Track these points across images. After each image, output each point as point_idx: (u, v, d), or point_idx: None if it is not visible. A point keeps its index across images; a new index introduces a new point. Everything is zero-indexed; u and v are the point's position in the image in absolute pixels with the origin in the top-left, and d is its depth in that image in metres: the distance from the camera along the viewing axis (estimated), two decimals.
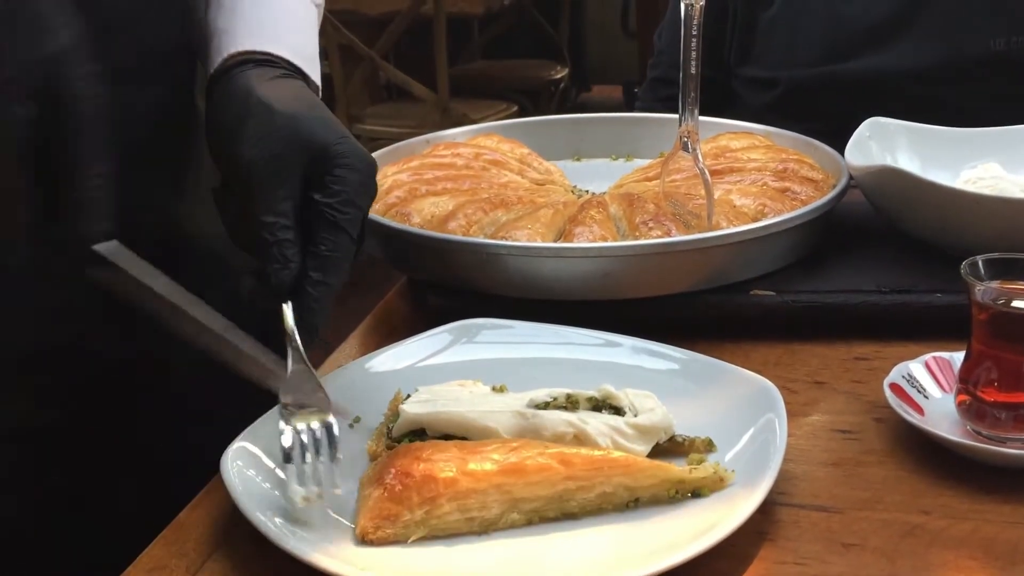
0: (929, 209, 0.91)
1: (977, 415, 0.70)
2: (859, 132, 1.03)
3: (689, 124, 0.93)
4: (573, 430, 0.67)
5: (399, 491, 0.62)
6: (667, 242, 0.87)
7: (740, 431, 0.70)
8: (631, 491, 0.65)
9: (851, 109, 1.09)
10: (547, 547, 0.63)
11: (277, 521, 0.63)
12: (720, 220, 0.91)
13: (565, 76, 4.08)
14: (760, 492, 0.63)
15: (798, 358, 0.84)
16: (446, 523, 0.62)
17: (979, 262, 0.71)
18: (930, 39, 1.33)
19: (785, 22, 1.40)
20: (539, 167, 1.11)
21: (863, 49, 1.35)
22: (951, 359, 0.75)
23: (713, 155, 1.07)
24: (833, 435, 0.74)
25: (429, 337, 0.82)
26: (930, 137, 1.08)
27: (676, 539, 0.61)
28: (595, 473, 0.64)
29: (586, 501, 0.64)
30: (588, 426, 0.67)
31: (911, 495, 0.67)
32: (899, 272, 0.90)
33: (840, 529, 0.64)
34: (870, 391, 0.78)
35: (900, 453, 0.71)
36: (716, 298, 0.88)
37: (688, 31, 0.89)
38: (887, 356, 0.81)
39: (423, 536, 0.62)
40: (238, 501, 0.64)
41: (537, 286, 0.86)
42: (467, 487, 0.62)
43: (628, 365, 0.78)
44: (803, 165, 1.02)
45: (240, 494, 0.64)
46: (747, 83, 1.44)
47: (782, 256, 0.91)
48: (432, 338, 0.82)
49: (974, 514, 0.65)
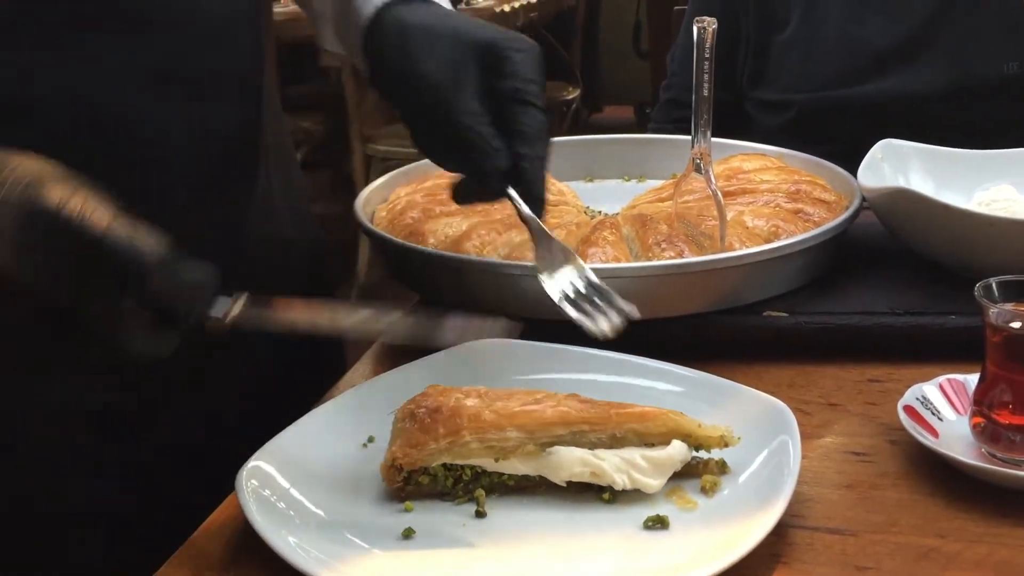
0: (942, 231, 0.91)
1: (992, 437, 0.70)
2: (872, 154, 1.04)
3: (701, 146, 0.94)
4: (588, 468, 0.68)
5: (428, 423, 0.67)
6: (680, 263, 0.87)
7: (754, 453, 0.70)
8: (641, 436, 0.68)
9: (864, 132, 1.09)
10: (558, 566, 0.63)
11: (291, 540, 0.63)
12: (733, 241, 0.91)
13: (577, 97, 4.10)
14: (774, 514, 0.63)
15: (811, 380, 0.84)
16: (468, 451, 0.67)
17: (993, 284, 0.71)
18: (943, 62, 1.33)
19: (798, 45, 1.40)
20: (552, 188, 1.11)
21: (876, 72, 1.35)
22: (965, 381, 0.75)
23: (726, 176, 1.07)
24: (847, 457, 0.74)
25: (443, 356, 0.82)
26: (943, 159, 1.08)
27: (690, 560, 0.61)
28: (608, 419, 0.68)
29: (599, 440, 0.67)
30: (604, 463, 0.67)
31: (926, 518, 0.67)
32: (913, 294, 0.90)
33: (854, 552, 0.64)
34: (884, 413, 0.78)
35: (914, 476, 0.71)
36: (729, 319, 0.88)
37: (701, 54, 0.90)
38: (901, 378, 0.81)
39: (446, 461, 0.67)
40: (253, 521, 0.64)
41: (550, 307, 0.86)
42: (489, 422, 0.67)
43: (641, 386, 0.78)
44: (816, 186, 1.02)
45: (255, 513, 0.64)
46: (760, 106, 1.45)
47: (795, 277, 0.91)
48: (445, 358, 0.82)
49: (989, 537, 0.65)
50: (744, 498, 0.66)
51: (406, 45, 0.75)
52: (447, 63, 0.74)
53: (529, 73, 0.74)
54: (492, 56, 0.74)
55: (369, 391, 0.79)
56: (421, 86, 0.74)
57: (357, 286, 3.42)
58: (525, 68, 0.74)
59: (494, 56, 0.74)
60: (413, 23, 0.76)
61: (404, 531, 0.65)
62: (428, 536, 0.65)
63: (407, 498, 0.69)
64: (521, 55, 0.74)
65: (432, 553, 0.64)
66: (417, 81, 0.74)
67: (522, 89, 0.73)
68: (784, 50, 1.41)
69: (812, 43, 1.39)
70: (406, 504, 0.68)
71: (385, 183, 1.10)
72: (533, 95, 0.73)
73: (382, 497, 0.69)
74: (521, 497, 0.69)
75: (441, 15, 0.78)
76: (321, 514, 0.67)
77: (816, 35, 1.39)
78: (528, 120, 0.73)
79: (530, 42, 0.75)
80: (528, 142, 0.73)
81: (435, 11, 0.79)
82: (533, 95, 0.73)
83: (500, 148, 0.72)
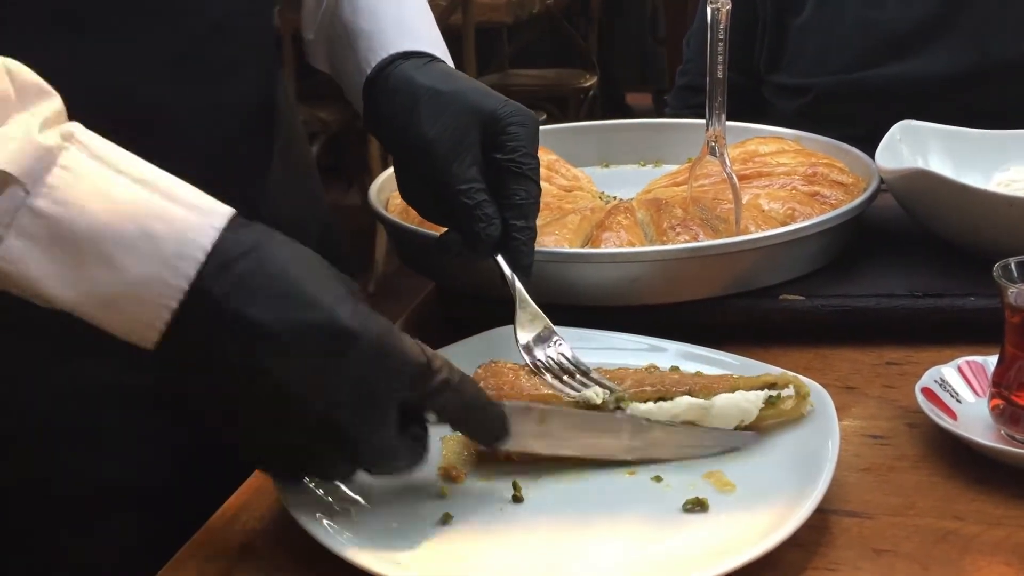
0: (961, 212, 0.90)
1: (1011, 419, 0.69)
2: (890, 135, 1.03)
3: (716, 129, 0.93)
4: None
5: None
6: (695, 247, 0.86)
7: (792, 436, 0.70)
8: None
9: (883, 115, 1.08)
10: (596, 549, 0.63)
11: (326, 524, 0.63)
12: (748, 224, 0.91)
13: (594, 84, 4.08)
14: (812, 500, 0.62)
15: (828, 363, 0.83)
16: None
17: (1012, 264, 0.70)
18: (963, 44, 1.32)
19: (816, 29, 1.39)
20: (566, 173, 1.11)
21: (895, 55, 1.34)
22: (984, 363, 0.75)
23: (742, 160, 1.07)
24: (865, 440, 0.73)
25: (464, 345, 0.81)
26: (962, 140, 1.07)
27: (728, 546, 0.61)
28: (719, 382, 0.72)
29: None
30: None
31: (944, 500, 0.66)
32: (931, 276, 0.89)
33: (872, 535, 0.63)
34: (902, 396, 0.77)
35: (933, 458, 0.70)
36: (745, 303, 0.87)
37: (715, 35, 0.89)
38: (919, 360, 0.81)
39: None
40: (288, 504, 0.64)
41: (565, 292, 0.86)
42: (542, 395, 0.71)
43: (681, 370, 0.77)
44: (833, 169, 1.01)
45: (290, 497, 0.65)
46: (777, 90, 1.44)
47: (811, 260, 0.91)
48: (467, 345, 0.81)
49: (1008, 520, 0.64)
50: (782, 482, 0.66)
51: (415, 108, 0.77)
52: (452, 130, 0.76)
53: (528, 146, 0.77)
54: (492, 126, 0.77)
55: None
56: (426, 149, 0.76)
57: (375, 276, 3.43)
58: (524, 141, 0.77)
59: (495, 126, 0.77)
60: (423, 85, 0.78)
61: (442, 516, 0.65)
62: (466, 521, 0.65)
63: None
64: (521, 129, 0.77)
65: (471, 538, 0.64)
66: (423, 144, 0.77)
67: (520, 162, 0.76)
68: (801, 34, 1.40)
69: (830, 26, 1.38)
70: (442, 489, 0.68)
71: None
72: (530, 169, 0.76)
73: (418, 483, 0.69)
74: (558, 481, 0.69)
75: (448, 78, 0.80)
76: (358, 499, 0.67)
77: (834, 18, 1.38)
78: (524, 194, 0.76)
79: (530, 114, 0.78)
80: (522, 214, 0.76)
81: (441, 73, 0.81)
82: (530, 169, 0.76)
83: (494, 218, 0.75)
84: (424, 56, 0.82)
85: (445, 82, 0.79)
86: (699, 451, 0.70)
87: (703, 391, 0.71)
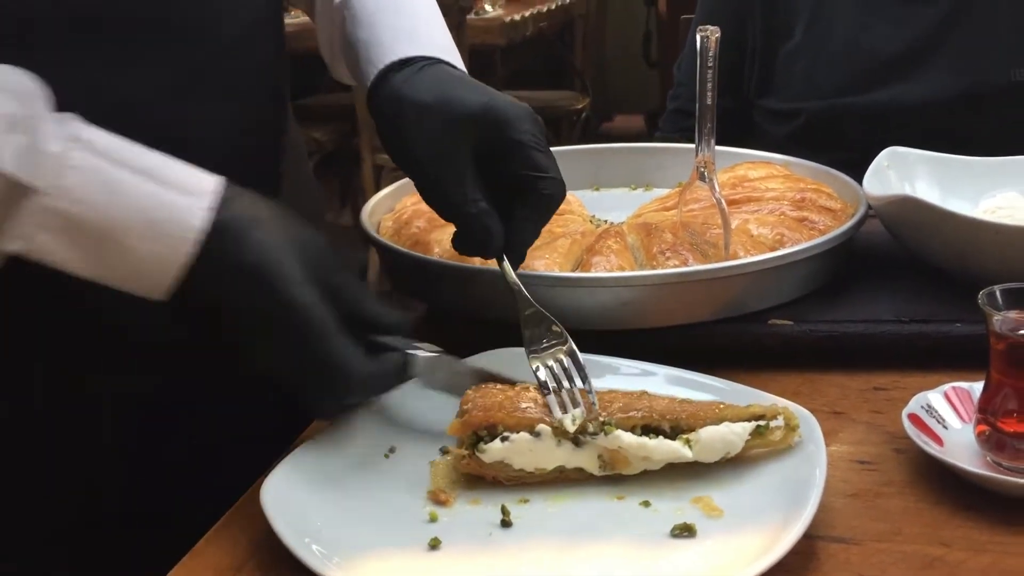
0: (948, 238, 0.91)
1: (997, 446, 0.69)
2: (877, 161, 1.03)
3: (706, 154, 0.94)
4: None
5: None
6: (684, 272, 0.87)
7: (779, 461, 0.70)
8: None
9: (872, 140, 1.09)
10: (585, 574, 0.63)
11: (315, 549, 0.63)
12: (738, 249, 0.91)
13: (586, 106, 4.10)
14: (799, 526, 0.62)
15: (816, 388, 0.84)
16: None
17: (997, 292, 0.70)
18: (951, 69, 1.33)
19: (805, 54, 1.40)
20: None
21: (884, 80, 1.35)
22: (971, 389, 0.75)
23: (731, 184, 1.07)
24: (852, 466, 0.74)
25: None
26: (949, 166, 1.07)
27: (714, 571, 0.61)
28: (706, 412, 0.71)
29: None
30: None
31: (930, 527, 0.67)
32: (918, 302, 0.90)
33: (859, 561, 0.64)
34: (889, 421, 0.78)
35: (920, 484, 0.71)
36: (734, 328, 0.88)
37: (704, 62, 0.90)
38: (906, 386, 0.81)
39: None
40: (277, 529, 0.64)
41: (555, 315, 0.86)
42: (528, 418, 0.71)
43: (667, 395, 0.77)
44: (821, 195, 1.02)
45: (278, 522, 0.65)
46: (767, 114, 1.45)
47: (800, 286, 0.91)
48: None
49: (994, 546, 0.64)
50: (769, 507, 0.66)
51: (402, 127, 0.77)
52: (440, 146, 0.76)
53: (529, 141, 0.76)
54: (487, 131, 0.76)
55: (391, 400, 0.79)
56: (417, 171, 0.78)
57: None
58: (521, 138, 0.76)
59: (488, 131, 0.76)
60: (410, 101, 0.77)
61: (431, 541, 0.65)
62: (455, 546, 0.65)
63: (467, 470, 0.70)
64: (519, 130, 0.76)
65: (460, 562, 0.64)
66: (413, 166, 0.78)
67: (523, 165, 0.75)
68: (791, 59, 1.42)
69: (819, 51, 1.39)
70: (431, 513, 0.68)
71: (392, 193, 1.10)
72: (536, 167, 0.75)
73: (407, 507, 0.69)
74: (547, 506, 0.69)
75: (436, 85, 0.78)
76: (345, 524, 0.67)
77: (823, 43, 1.39)
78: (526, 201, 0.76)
79: (524, 108, 0.77)
80: (521, 227, 0.77)
81: (431, 80, 0.79)
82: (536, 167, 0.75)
83: (495, 230, 0.76)
84: (417, 62, 0.81)
85: (432, 91, 0.77)
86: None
87: (690, 420, 0.70)
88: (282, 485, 0.68)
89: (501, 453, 0.70)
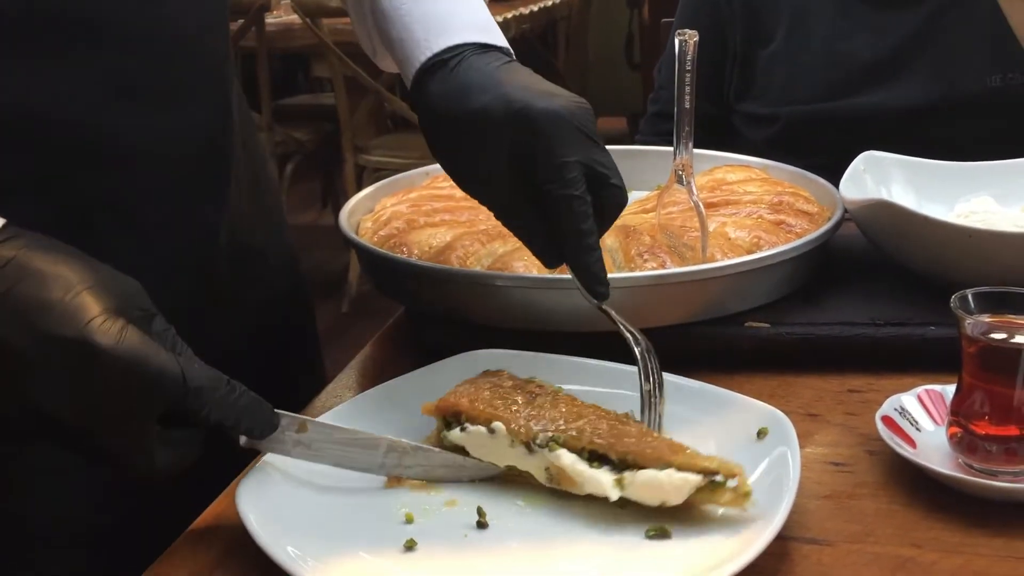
0: (922, 242, 0.92)
1: (968, 448, 0.70)
2: (854, 166, 1.04)
3: (684, 157, 0.94)
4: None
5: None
6: (661, 274, 0.87)
7: (753, 463, 0.70)
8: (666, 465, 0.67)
9: (850, 145, 1.10)
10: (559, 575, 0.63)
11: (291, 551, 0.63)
12: (715, 252, 0.92)
13: None
14: (773, 528, 0.63)
15: (792, 390, 0.84)
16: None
17: (969, 295, 0.71)
18: (929, 76, 1.34)
19: (784, 59, 1.41)
20: None
21: (862, 86, 1.36)
22: (943, 392, 0.76)
23: (709, 188, 1.08)
24: (826, 467, 0.74)
25: (437, 368, 0.81)
26: (924, 171, 1.08)
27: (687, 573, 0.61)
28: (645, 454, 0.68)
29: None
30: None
31: (903, 528, 0.67)
32: (893, 305, 0.90)
33: (831, 562, 0.64)
34: (863, 424, 0.78)
35: (892, 486, 0.71)
36: (711, 330, 0.88)
37: (682, 66, 0.91)
38: (880, 388, 0.82)
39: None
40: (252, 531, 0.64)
41: (534, 317, 0.87)
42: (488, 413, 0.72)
43: (637, 396, 0.78)
44: (798, 198, 1.03)
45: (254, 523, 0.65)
46: (747, 119, 1.46)
47: (777, 288, 0.92)
48: (439, 371, 0.81)
49: (965, 547, 0.65)
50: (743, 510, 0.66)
51: (435, 138, 0.78)
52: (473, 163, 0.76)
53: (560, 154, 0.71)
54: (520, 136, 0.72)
55: (367, 402, 0.79)
56: (456, 181, 0.79)
57: (349, 296, 3.42)
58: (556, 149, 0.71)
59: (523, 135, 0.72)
60: (440, 111, 0.77)
61: (406, 542, 0.65)
62: (430, 547, 0.65)
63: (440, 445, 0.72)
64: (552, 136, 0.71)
65: (434, 564, 0.64)
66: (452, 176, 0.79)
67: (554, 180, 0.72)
68: (770, 64, 1.42)
69: (798, 57, 1.40)
70: (407, 515, 0.68)
71: (371, 194, 1.10)
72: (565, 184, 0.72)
73: (383, 509, 0.69)
74: (523, 507, 0.69)
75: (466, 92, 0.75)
76: (321, 525, 0.67)
77: (802, 49, 1.40)
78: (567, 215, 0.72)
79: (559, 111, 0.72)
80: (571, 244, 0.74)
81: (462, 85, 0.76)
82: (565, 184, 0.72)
83: (544, 251, 0.76)
84: (449, 61, 0.77)
85: (462, 101, 0.75)
86: (455, 475, 0.72)
87: (637, 457, 0.67)
88: (257, 486, 0.68)
89: (461, 441, 0.72)
